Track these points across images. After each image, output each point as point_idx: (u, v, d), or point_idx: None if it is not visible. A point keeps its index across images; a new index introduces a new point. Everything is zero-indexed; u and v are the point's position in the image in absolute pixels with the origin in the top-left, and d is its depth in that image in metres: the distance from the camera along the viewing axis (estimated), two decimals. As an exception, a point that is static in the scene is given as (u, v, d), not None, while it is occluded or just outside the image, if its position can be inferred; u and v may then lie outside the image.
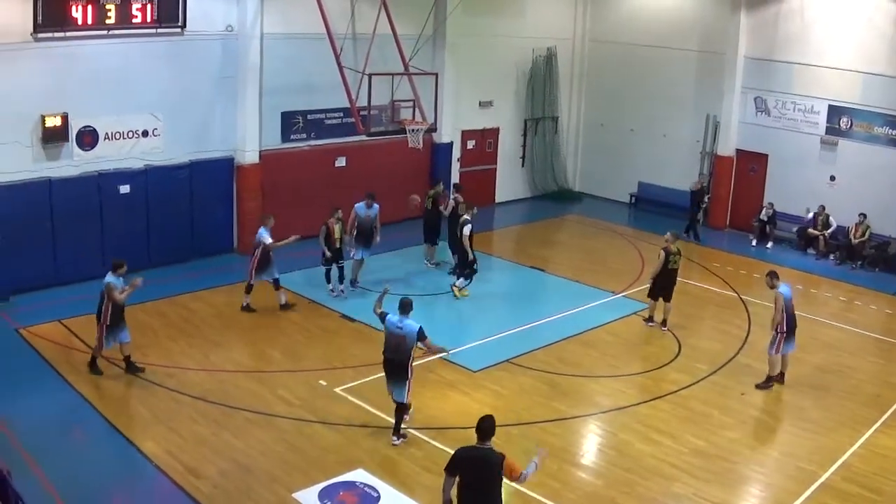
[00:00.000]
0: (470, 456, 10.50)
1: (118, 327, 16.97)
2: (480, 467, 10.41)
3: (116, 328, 16.94)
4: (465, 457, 10.51)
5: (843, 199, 27.29)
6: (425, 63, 26.11)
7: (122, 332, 17.05)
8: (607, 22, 33.63)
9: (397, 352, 14.82)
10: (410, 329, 14.62)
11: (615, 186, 33.69)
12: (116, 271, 17.05)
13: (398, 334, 14.76)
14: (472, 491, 10.48)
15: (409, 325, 14.66)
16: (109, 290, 16.71)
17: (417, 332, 14.58)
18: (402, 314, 14.80)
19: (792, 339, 17.71)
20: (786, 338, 17.55)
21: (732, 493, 13.96)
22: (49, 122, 20.70)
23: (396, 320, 14.80)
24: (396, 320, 14.80)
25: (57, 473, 13.32)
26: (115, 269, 17.10)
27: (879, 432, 16.00)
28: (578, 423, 16.23)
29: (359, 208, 22.52)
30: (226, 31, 23.84)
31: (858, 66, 26.78)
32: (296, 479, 13.63)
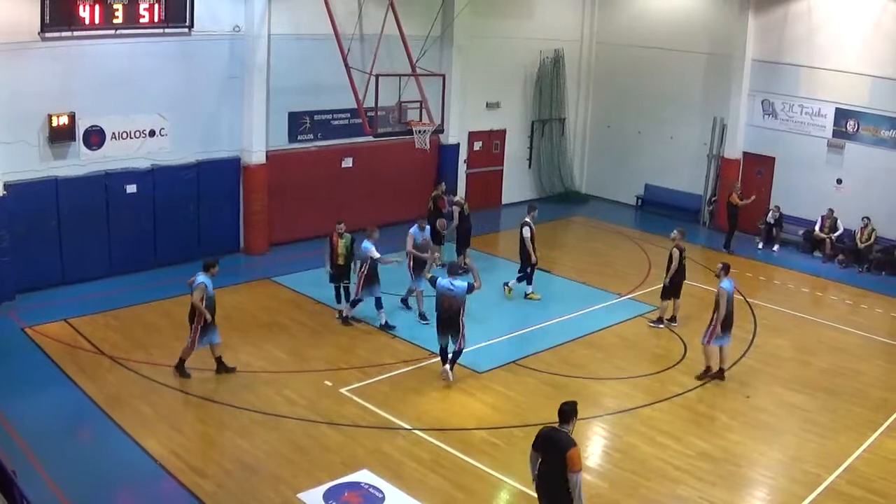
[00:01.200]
0: (545, 435, 11.14)
1: (211, 328, 16.98)
2: (550, 448, 11.00)
3: (209, 328, 16.96)
4: (542, 435, 11.19)
5: (849, 203, 27.22)
6: (432, 64, 26.10)
7: (214, 333, 17.09)
8: (615, 24, 33.61)
9: (450, 310, 17.02)
10: (461, 288, 16.91)
11: (622, 188, 33.67)
12: (208, 271, 17.03)
13: (450, 295, 16.99)
14: (545, 468, 11.09)
15: (459, 285, 16.98)
16: (197, 290, 16.65)
17: (466, 289, 16.88)
18: (450, 276, 17.18)
19: (728, 334, 18.02)
20: (721, 331, 17.82)
21: (737, 496, 13.94)
22: (56, 122, 20.76)
23: (447, 282, 17.07)
24: (447, 282, 17.07)
25: (62, 473, 13.35)
26: (207, 269, 17.07)
27: (885, 436, 15.95)
28: (583, 425, 16.15)
29: (415, 233, 20.91)
30: (233, 31, 23.86)
31: (866, 69, 26.72)
32: (301, 480, 13.63)
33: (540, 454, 11.12)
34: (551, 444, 10.98)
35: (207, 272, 16.97)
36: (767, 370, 18.67)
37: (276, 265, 24.08)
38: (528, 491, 13.58)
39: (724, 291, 17.72)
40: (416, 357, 18.47)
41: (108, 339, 18.61)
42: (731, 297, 17.83)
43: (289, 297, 21.83)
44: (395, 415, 15.92)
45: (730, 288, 17.87)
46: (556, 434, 11.02)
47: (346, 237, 20.11)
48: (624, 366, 18.74)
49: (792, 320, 22.00)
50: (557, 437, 10.97)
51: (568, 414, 11.09)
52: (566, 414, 11.09)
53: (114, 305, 20.42)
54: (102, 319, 19.71)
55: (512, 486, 13.92)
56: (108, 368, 17.30)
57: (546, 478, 11.06)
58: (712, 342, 17.95)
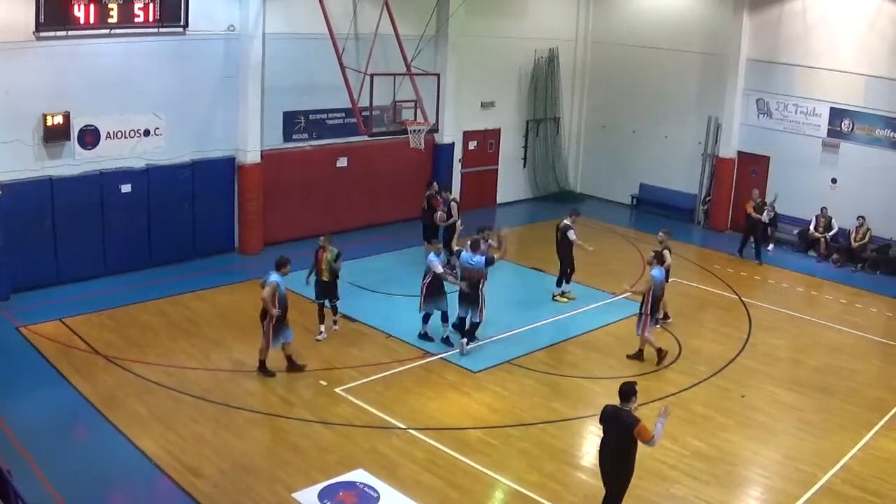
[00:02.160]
0: (608, 413, 11.98)
1: (284, 326, 17.06)
2: (613, 424, 11.85)
3: (283, 327, 17.03)
4: (605, 413, 12.04)
5: (844, 202, 27.26)
6: (427, 63, 26.12)
7: (287, 331, 17.19)
8: (609, 23, 33.62)
9: (471, 281, 18.35)
10: (479, 261, 18.37)
11: (616, 188, 33.67)
12: (280, 269, 17.03)
13: (471, 268, 18.40)
14: (606, 445, 12.01)
15: (478, 259, 18.43)
16: (271, 287, 16.65)
17: (486, 260, 18.47)
18: (472, 251, 18.53)
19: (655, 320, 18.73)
20: (651, 320, 18.47)
21: (732, 495, 13.96)
22: (51, 121, 20.70)
23: (468, 256, 18.50)
24: (468, 256, 18.50)
25: (57, 472, 13.33)
26: (280, 268, 17.07)
27: (880, 435, 15.99)
28: (579, 424, 16.22)
29: (657, 276, 18.89)
30: (228, 30, 23.83)
31: (860, 68, 26.77)
32: (296, 479, 13.63)
33: (602, 428, 12.08)
34: (614, 421, 11.81)
35: (280, 271, 16.99)
36: (762, 369, 18.69)
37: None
38: (523, 490, 13.64)
39: (653, 278, 18.41)
40: (412, 357, 18.47)
41: (102, 339, 18.58)
42: (659, 285, 18.45)
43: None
44: (390, 414, 15.91)
45: (659, 276, 18.55)
46: (619, 412, 11.79)
47: (331, 251, 18.85)
48: (618, 365, 18.73)
49: (787, 320, 22.02)
50: (620, 415, 11.75)
51: (627, 394, 11.84)
52: (626, 394, 11.85)
53: (109, 305, 20.39)
54: (97, 319, 19.68)
55: (507, 485, 13.93)
56: (102, 368, 17.27)
57: (607, 451, 11.95)
58: (647, 330, 18.54)
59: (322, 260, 18.79)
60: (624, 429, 11.61)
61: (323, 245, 18.84)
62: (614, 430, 11.80)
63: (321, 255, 18.81)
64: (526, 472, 14.24)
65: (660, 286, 18.52)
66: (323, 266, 18.79)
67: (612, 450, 11.87)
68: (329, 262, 18.72)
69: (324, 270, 18.83)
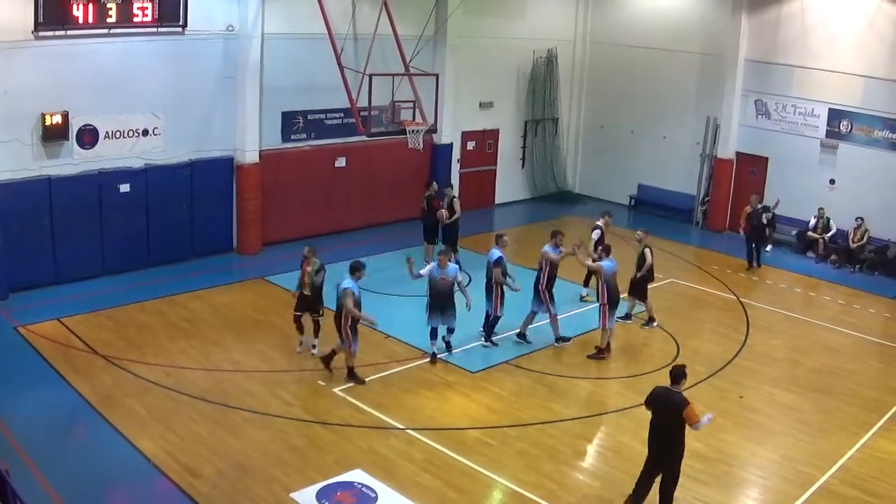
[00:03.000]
0: (658, 393, 12.65)
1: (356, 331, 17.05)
2: (662, 405, 12.46)
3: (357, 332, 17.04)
4: (655, 393, 12.71)
5: (843, 203, 27.28)
6: (426, 64, 26.12)
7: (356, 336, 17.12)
8: (608, 24, 33.65)
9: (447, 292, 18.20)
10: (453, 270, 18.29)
11: (615, 188, 33.67)
12: (354, 274, 16.85)
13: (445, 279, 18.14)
14: (655, 425, 12.61)
15: (452, 267, 18.37)
16: (346, 295, 16.51)
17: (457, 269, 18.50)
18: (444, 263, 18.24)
19: (614, 313, 18.97)
20: (609, 310, 18.74)
21: (730, 496, 13.97)
22: (49, 121, 20.70)
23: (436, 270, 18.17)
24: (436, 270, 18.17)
25: (55, 472, 13.33)
26: (354, 272, 16.88)
27: (878, 436, 16.00)
28: (576, 424, 16.22)
29: (550, 251, 19.39)
30: (226, 30, 23.84)
31: (859, 69, 26.79)
32: (294, 480, 13.63)
33: (651, 410, 12.63)
34: (665, 403, 12.42)
35: (353, 275, 16.82)
36: (760, 370, 18.70)
37: (269, 265, 24.04)
38: (521, 490, 13.64)
39: (602, 268, 18.79)
40: (410, 357, 18.46)
41: (101, 339, 18.57)
42: (610, 273, 18.82)
43: (282, 297, 21.69)
44: (388, 414, 15.92)
45: (610, 267, 18.86)
46: (670, 394, 12.44)
47: (314, 263, 18.02)
48: (616, 366, 18.76)
49: (785, 320, 22.03)
50: (671, 397, 12.39)
51: (678, 376, 12.52)
52: (677, 376, 12.53)
53: (107, 305, 20.39)
54: (96, 319, 19.68)
55: (505, 485, 13.93)
56: (101, 368, 17.27)
57: (658, 432, 12.53)
58: (609, 322, 18.85)
59: (305, 272, 18.09)
60: (675, 408, 12.22)
61: (307, 256, 18.14)
62: (664, 409, 12.40)
63: (305, 269, 18.07)
64: (524, 472, 14.24)
65: (611, 276, 18.77)
66: (305, 279, 18.06)
67: (661, 430, 12.48)
68: (310, 274, 17.95)
69: (306, 284, 18.06)
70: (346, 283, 16.61)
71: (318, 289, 18.02)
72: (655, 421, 12.60)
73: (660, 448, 12.57)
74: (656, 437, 12.60)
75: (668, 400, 12.40)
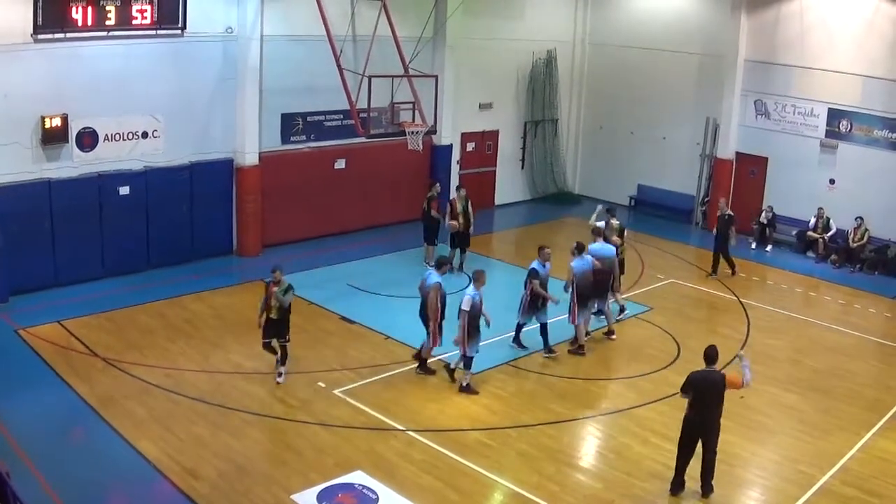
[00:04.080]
0: (696, 378, 13.39)
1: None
2: (709, 386, 13.29)
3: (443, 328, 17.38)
4: (698, 378, 13.38)
5: (842, 203, 27.27)
6: (425, 65, 26.13)
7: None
8: (607, 25, 33.66)
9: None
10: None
11: (615, 189, 33.63)
12: (440, 269, 17.34)
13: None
14: (701, 405, 13.30)
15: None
16: (435, 290, 16.97)
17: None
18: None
19: (585, 309, 19.13)
20: (579, 306, 18.93)
21: (731, 496, 13.95)
22: (49, 124, 20.69)
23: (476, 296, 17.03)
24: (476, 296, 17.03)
25: (55, 474, 13.33)
26: (440, 267, 17.41)
27: (879, 436, 16.00)
28: (577, 425, 16.22)
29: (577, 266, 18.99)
30: (226, 32, 23.83)
31: (858, 69, 26.79)
32: (294, 481, 13.63)
33: (692, 395, 13.37)
34: (707, 383, 13.30)
35: (439, 270, 17.29)
36: (761, 370, 18.63)
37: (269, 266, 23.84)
38: (521, 491, 13.64)
39: (570, 268, 18.95)
40: (410, 358, 18.43)
41: (101, 341, 18.57)
42: (579, 273, 18.88)
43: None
44: (388, 416, 15.92)
45: (579, 266, 18.94)
46: (708, 374, 13.37)
47: (283, 284, 16.79)
48: (617, 366, 18.78)
49: (785, 320, 22.03)
50: (710, 377, 13.33)
51: (713, 357, 13.45)
52: (712, 357, 13.46)
53: (107, 307, 20.39)
54: (95, 321, 19.68)
55: (505, 486, 13.93)
56: (101, 370, 17.27)
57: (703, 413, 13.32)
58: (578, 319, 19.01)
59: (272, 295, 16.68)
60: (717, 386, 13.25)
61: (274, 280, 16.79)
62: (709, 390, 13.24)
63: (272, 290, 16.70)
64: (525, 473, 14.25)
65: (582, 273, 18.93)
66: (273, 302, 16.65)
67: (706, 410, 13.28)
68: (278, 296, 16.62)
69: (273, 307, 16.66)
70: (434, 279, 17.13)
71: (286, 311, 16.79)
72: (698, 404, 13.34)
73: (705, 425, 13.38)
74: (701, 418, 13.35)
75: (708, 379, 13.30)
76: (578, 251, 19.15)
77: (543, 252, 19.06)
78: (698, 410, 13.34)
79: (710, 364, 13.42)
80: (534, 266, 18.90)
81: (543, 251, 19.07)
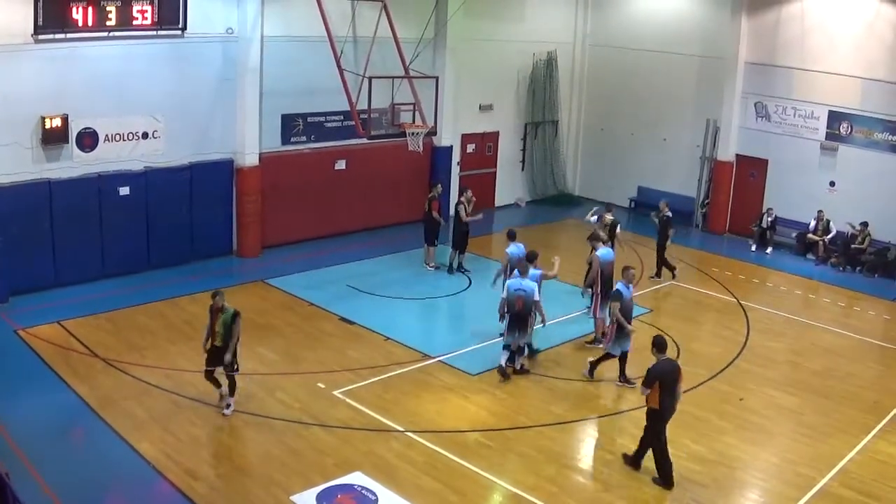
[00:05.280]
0: (664, 368, 13.85)
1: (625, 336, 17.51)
2: (671, 372, 13.89)
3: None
4: (662, 369, 13.81)
5: (842, 205, 27.29)
6: (425, 66, 26.14)
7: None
8: (608, 26, 33.68)
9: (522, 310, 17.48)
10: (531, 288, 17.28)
11: (615, 191, 33.63)
12: (533, 262, 17.84)
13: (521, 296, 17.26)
14: (668, 393, 13.77)
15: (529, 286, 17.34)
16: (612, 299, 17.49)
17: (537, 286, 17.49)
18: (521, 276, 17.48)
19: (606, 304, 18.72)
20: (602, 299, 18.98)
21: (730, 498, 13.96)
22: (49, 124, 20.69)
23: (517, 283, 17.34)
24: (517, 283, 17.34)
25: (55, 475, 13.32)
26: (532, 261, 18.20)
27: (878, 438, 15.99)
28: (577, 426, 16.22)
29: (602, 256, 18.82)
30: (226, 33, 23.83)
31: (858, 71, 26.81)
32: (293, 482, 13.62)
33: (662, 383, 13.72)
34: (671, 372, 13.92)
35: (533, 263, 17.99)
36: (760, 372, 18.69)
37: (268, 267, 24.06)
38: (521, 493, 13.63)
39: (597, 258, 19.35)
40: (410, 359, 18.45)
41: (101, 342, 18.57)
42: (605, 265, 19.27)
43: (281, 300, 21.81)
44: (388, 417, 15.91)
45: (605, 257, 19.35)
46: (670, 363, 14.04)
47: (226, 311, 15.33)
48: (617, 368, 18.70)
49: (785, 323, 22.03)
50: (672, 365, 14.04)
51: (664, 345, 14.06)
52: (664, 346, 14.05)
53: (107, 308, 20.38)
54: (95, 322, 19.68)
55: (505, 488, 13.92)
56: (100, 370, 17.27)
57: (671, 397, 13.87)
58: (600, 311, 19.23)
59: (217, 321, 15.34)
60: (676, 371, 13.97)
61: (217, 305, 15.37)
62: (670, 375, 13.82)
63: (217, 316, 15.34)
64: (524, 474, 14.24)
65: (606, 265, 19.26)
66: (217, 328, 15.33)
67: (672, 394, 13.83)
68: (224, 324, 15.27)
69: (217, 334, 15.36)
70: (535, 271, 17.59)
71: (232, 339, 15.43)
72: (665, 393, 13.74)
73: (673, 408, 14.00)
74: (671, 402, 13.88)
75: (669, 368, 13.89)
76: (599, 240, 19.36)
77: (628, 273, 17.65)
78: (668, 396, 13.80)
79: (662, 352, 13.96)
80: (618, 287, 17.58)
81: (628, 272, 17.67)
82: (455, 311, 22.13)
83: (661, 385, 13.66)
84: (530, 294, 17.27)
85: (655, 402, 13.77)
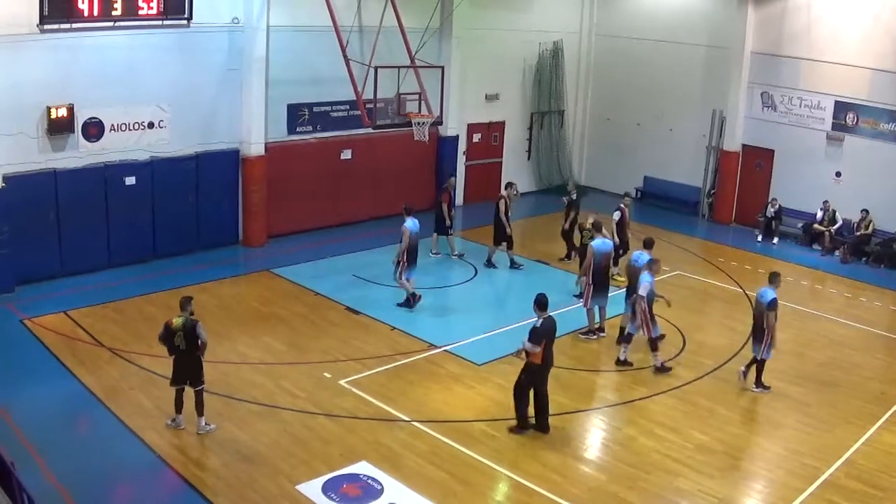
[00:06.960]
0: (548, 326, 14.63)
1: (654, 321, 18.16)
2: (552, 331, 14.70)
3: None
4: (547, 327, 14.58)
5: (849, 196, 27.23)
6: (431, 56, 26.09)
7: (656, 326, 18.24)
8: (614, 16, 33.61)
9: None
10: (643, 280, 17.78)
11: (621, 180, 33.43)
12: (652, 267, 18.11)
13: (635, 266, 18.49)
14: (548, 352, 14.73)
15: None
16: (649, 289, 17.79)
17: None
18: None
19: (603, 294, 19.46)
20: (594, 290, 19.28)
21: (736, 488, 13.95)
22: (55, 114, 20.71)
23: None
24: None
25: (61, 465, 13.37)
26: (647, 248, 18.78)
27: (884, 429, 15.97)
28: (582, 417, 16.21)
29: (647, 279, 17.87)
30: (232, 23, 23.81)
31: (865, 62, 26.71)
32: (300, 472, 13.65)
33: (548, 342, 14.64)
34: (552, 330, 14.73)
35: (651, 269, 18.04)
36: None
37: (274, 257, 24.08)
38: (526, 482, 13.64)
39: (593, 249, 19.34)
40: (415, 349, 18.47)
41: (107, 331, 18.61)
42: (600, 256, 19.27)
43: (287, 289, 21.83)
44: (393, 406, 15.92)
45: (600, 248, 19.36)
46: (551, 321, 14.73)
47: (181, 319, 14.39)
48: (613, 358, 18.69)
49: (791, 313, 21.93)
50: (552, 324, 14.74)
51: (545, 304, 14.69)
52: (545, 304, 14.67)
53: (113, 297, 20.43)
54: (101, 311, 19.72)
55: (510, 477, 13.93)
56: (107, 360, 17.31)
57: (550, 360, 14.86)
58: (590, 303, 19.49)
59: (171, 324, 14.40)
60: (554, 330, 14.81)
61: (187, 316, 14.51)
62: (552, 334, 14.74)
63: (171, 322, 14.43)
64: (529, 464, 14.24)
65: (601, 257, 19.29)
66: (176, 342, 14.40)
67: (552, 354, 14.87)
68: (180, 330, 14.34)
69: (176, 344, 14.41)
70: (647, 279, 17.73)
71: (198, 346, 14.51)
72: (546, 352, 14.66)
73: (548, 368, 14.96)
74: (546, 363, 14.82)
75: (550, 326, 14.68)
76: (599, 230, 19.39)
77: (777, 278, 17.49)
78: (546, 357, 14.68)
79: (543, 310, 14.60)
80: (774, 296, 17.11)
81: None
82: (461, 300, 22.10)
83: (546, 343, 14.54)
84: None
85: (539, 359, 14.62)
